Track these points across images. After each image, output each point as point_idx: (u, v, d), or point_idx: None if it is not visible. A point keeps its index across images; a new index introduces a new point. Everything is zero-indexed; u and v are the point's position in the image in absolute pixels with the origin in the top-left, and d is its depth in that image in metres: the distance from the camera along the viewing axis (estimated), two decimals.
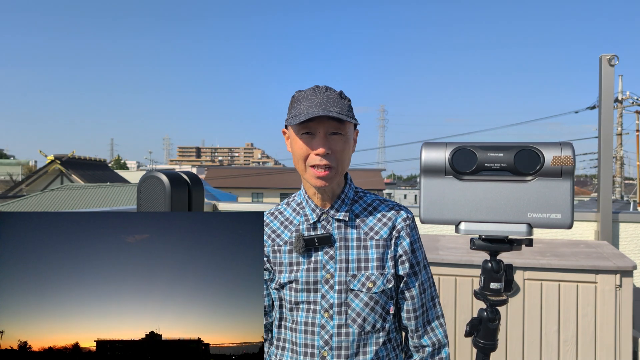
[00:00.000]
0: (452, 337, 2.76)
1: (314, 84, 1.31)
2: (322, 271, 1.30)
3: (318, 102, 1.24)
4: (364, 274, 1.30)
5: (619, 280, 2.55)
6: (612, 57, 3.49)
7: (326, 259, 1.30)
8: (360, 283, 1.29)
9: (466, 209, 1.11)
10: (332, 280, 1.29)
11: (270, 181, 32.41)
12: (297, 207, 1.39)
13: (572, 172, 1.06)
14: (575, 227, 3.65)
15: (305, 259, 1.31)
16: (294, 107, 1.28)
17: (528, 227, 1.09)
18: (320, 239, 1.30)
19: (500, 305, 1.19)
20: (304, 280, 1.30)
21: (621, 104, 21.78)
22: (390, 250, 1.33)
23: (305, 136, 1.26)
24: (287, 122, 1.28)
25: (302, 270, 1.31)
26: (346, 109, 1.26)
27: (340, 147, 1.27)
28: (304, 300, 1.30)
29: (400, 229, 1.35)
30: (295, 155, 1.30)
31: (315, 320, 1.29)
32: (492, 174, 1.09)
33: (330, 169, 1.26)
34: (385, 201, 1.41)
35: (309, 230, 1.34)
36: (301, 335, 1.30)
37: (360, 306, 1.29)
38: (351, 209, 1.36)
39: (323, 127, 1.25)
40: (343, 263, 1.30)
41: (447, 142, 1.15)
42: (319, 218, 1.34)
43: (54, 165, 26.16)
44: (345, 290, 1.29)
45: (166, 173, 1.39)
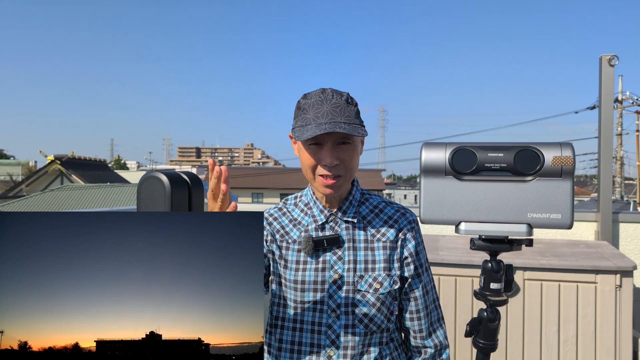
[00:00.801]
0: (452, 337, 2.76)
1: (315, 86, 1.30)
2: (330, 271, 1.30)
3: (325, 112, 1.21)
4: (371, 275, 1.30)
5: (619, 280, 2.55)
6: (612, 57, 3.49)
7: (334, 259, 1.31)
8: (368, 284, 1.30)
9: (466, 209, 1.11)
10: (340, 280, 1.29)
11: (270, 181, 32.41)
12: (305, 207, 1.39)
13: (572, 172, 1.06)
14: (575, 227, 3.65)
15: (313, 259, 1.32)
16: (301, 116, 1.26)
17: (528, 227, 1.09)
18: (329, 240, 1.30)
19: (500, 306, 1.18)
20: (312, 280, 1.30)
21: (621, 104, 21.78)
22: (396, 252, 1.34)
23: (313, 147, 1.25)
24: (295, 136, 1.25)
25: (310, 269, 1.31)
26: (354, 117, 1.24)
27: (349, 156, 1.26)
28: (310, 300, 1.30)
29: (407, 231, 1.36)
30: (303, 165, 1.30)
31: (322, 320, 1.29)
32: (492, 174, 1.09)
33: (338, 177, 1.26)
34: (391, 203, 1.41)
35: (317, 231, 1.34)
36: (307, 334, 1.30)
37: (367, 307, 1.29)
38: (358, 210, 1.36)
39: (331, 138, 1.24)
40: (351, 264, 1.30)
41: (447, 142, 1.15)
42: (327, 219, 1.34)
43: (54, 166, 26.18)
44: (353, 290, 1.29)
45: (166, 173, 1.39)
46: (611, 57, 3.49)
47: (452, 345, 2.77)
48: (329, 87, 1.29)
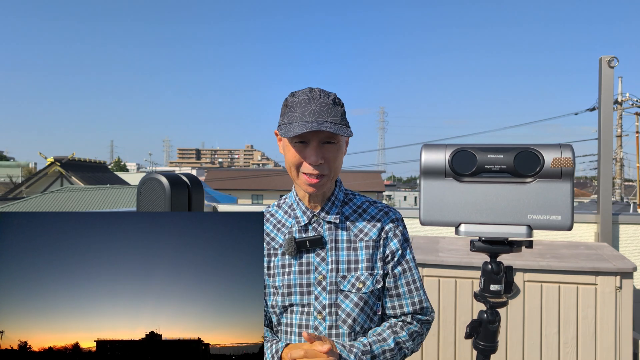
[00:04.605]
0: (452, 339, 2.76)
1: (316, 86, 1.30)
2: (314, 273, 1.30)
3: (312, 110, 1.22)
4: (353, 275, 1.30)
5: (619, 282, 2.55)
6: (611, 59, 3.50)
7: (318, 260, 1.31)
8: (350, 284, 1.30)
9: (466, 210, 1.11)
10: (324, 281, 1.30)
11: (270, 183, 32.40)
12: (288, 209, 1.40)
13: (571, 174, 1.06)
14: (575, 228, 3.65)
15: (296, 261, 1.32)
16: (287, 114, 1.26)
17: (528, 228, 1.09)
18: (311, 241, 1.30)
19: (500, 307, 1.18)
20: (297, 283, 1.30)
21: (621, 105, 21.80)
22: (379, 252, 1.34)
23: (298, 145, 1.26)
24: (281, 132, 1.25)
25: (295, 272, 1.31)
26: (339, 117, 1.25)
27: (333, 155, 1.27)
28: (297, 303, 1.30)
29: (389, 230, 1.36)
30: (287, 162, 1.30)
31: (309, 322, 1.30)
32: (492, 175, 1.09)
33: (322, 176, 1.27)
34: (375, 203, 1.42)
35: (300, 232, 1.34)
36: (295, 338, 1.30)
37: (350, 307, 1.29)
38: (341, 211, 1.37)
39: (317, 137, 1.25)
40: (334, 264, 1.30)
41: (447, 144, 1.15)
42: (309, 220, 1.34)
43: (53, 167, 26.17)
44: (336, 291, 1.29)
45: (166, 175, 1.39)
46: (611, 59, 3.50)
47: (452, 347, 2.77)
48: (329, 87, 1.30)
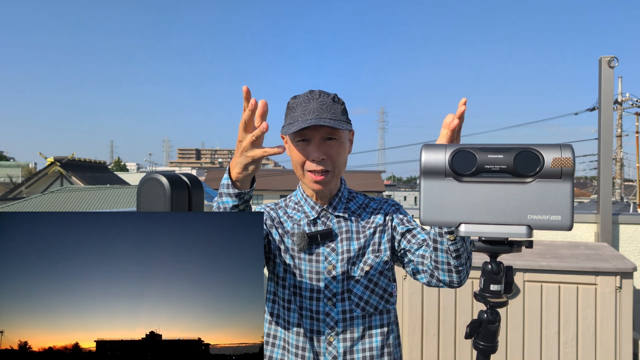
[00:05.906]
0: (452, 339, 2.76)
1: (316, 87, 1.34)
2: (324, 263, 1.34)
3: (312, 109, 1.27)
4: (361, 260, 1.36)
5: (619, 282, 2.55)
6: (611, 59, 3.50)
7: (328, 251, 1.35)
8: (360, 269, 1.35)
9: (466, 210, 1.11)
10: (334, 271, 1.34)
11: (270, 183, 32.41)
12: (296, 205, 1.44)
13: (572, 174, 1.06)
14: (575, 228, 3.65)
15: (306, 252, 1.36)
16: (289, 115, 1.32)
17: (528, 228, 1.08)
18: (322, 234, 1.35)
19: (500, 307, 1.18)
20: (307, 269, 1.34)
21: (621, 105, 21.80)
22: (386, 233, 1.39)
23: (301, 143, 1.31)
24: (283, 131, 1.33)
25: (305, 260, 1.35)
26: (339, 114, 1.30)
27: (335, 152, 1.32)
28: (307, 288, 1.34)
29: (391, 212, 1.43)
30: (293, 162, 1.35)
31: (319, 308, 1.33)
32: (492, 175, 1.09)
33: (326, 173, 1.31)
34: (374, 199, 1.49)
35: (310, 226, 1.38)
36: (307, 320, 1.34)
37: (361, 290, 1.34)
38: (347, 206, 1.42)
39: (318, 134, 1.29)
40: (345, 254, 1.35)
41: (446, 144, 1.15)
42: (318, 215, 1.39)
43: (53, 167, 26.18)
44: (347, 278, 1.34)
45: (166, 175, 1.39)
46: (611, 59, 3.50)
47: (452, 347, 2.77)
48: (329, 87, 1.33)
